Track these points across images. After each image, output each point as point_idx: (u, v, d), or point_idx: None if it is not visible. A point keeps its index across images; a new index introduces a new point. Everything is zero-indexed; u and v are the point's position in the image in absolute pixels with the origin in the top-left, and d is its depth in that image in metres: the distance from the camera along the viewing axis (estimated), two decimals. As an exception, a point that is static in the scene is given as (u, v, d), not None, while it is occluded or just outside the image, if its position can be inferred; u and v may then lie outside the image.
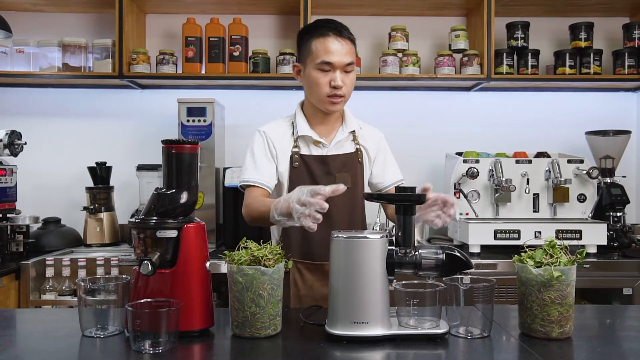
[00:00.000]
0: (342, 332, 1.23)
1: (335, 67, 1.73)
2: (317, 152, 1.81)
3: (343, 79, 1.73)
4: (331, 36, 1.73)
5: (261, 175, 1.77)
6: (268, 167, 1.78)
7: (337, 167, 1.80)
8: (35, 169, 3.09)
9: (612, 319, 1.51)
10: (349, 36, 1.76)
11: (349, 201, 1.78)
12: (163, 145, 1.33)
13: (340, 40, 1.73)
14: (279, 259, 1.26)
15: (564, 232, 2.60)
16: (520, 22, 3.01)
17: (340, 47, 1.72)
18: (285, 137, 1.83)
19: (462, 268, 1.28)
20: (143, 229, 1.28)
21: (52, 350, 1.20)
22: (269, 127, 1.86)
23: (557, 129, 3.21)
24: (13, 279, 2.44)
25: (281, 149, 1.80)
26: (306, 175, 1.79)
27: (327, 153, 1.81)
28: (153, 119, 3.16)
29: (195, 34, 2.93)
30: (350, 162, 1.83)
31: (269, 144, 1.80)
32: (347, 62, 1.73)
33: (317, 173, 1.78)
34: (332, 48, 1.72)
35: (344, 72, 1.74)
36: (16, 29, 2.87)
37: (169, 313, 1.15)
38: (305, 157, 1.80)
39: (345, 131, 1.84)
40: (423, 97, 3.23)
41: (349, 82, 1.76)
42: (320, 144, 1.81)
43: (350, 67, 1.74)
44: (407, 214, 1.30)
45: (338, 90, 1.73)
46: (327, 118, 1.84)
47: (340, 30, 1.75)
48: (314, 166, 1.79)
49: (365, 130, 1.92)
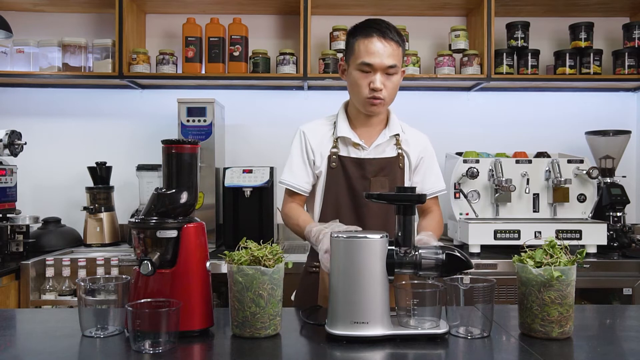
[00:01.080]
0: (342, 332, 1.23)
1: (376, 69, 1.68)
2: (355, 155, 1.78)
3: (383, 82, 1.69)
4: (374, 37, 1.68)
5: (296, 179, 1.80)
6: (303, 169, 1.80)
7: (374, 171, 1.77)
8: (35, 169, 3.09)
9: (612, 319, 1.51)
10: (394, 38, 1.69)
11: (384, 207, 1.73)
12: (163, 145, 1.32)
13: (384, 41, 1.68)
14: (279, 259, 1.26)
15: (564, 232, 2.60)
16: (520, 22, 3.01)
17: (382, 49, 1.67)
18: (326, 137, 1.81)
19: (462, 268, 1.28)
20: (143, 229, 1.28)
21: (52, 350, 1.20)
22: (310, 126, 1.85)
23: (557, 129, 3.21)
24: (13, 279, 2.44)
25: (319, 150, 1.79)
26: (342, 177, 1.77)
27: (366, 156, 1.77)
28: (153, 119, 3.16)
29: (195, 34, 2.94)
30: (389, 166, 1.78)
31: (307, 145, 1.80)
32: (388, 65, 1.68)
33: (353, 176, 1.76)
34: (373, 49, 1.68)
35: (385, 75, 1.69)
36: (16, 29, 2.87)
37: (169, 313, 1.15)
38: (343, 159, 1.77)
39: (387, 135, 1.79)
40: (423, 97, 3.23)
41: (391, 85, 1.71)
42: (359, 146, 1.78)
43: (392, 69, 1.69)
44: (407, 214, 1.30)
45: (377, 92, 1.69)
46: (369, 120, 1.80)
47: (385, 31, 1.69)
48: (351, 169, 1.76)
49: (410, 134, 1.85)
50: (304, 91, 3.13)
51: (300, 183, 1.80)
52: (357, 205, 1.76)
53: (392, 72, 1.70)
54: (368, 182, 1.76)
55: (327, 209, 1.78)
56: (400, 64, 1.72)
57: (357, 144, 1.78)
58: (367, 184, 1.75)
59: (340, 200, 1.77)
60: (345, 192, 1.77)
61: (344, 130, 1.78)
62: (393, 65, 1.68)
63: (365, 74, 1.70)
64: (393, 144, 1.82)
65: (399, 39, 1.71)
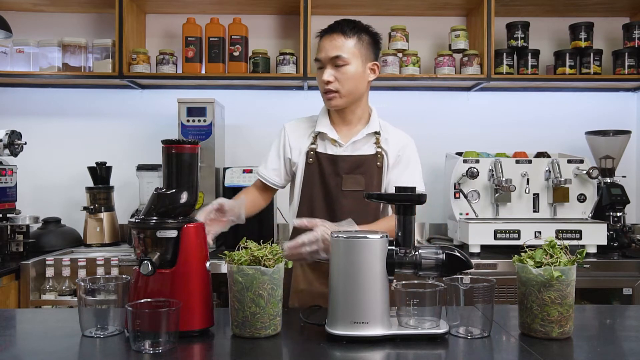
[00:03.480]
0: (342, 332, 1.23)
1: (324, 63, 1.74)
2: (332, 151, 1.80)
3: (334, 74, 1.73)
4: (325, 35, 1.77)
5: (267, 170, 1.88)
6: (276, 163, 1.87)
7: (348, 168, 1.78)
8: (35, 169, 3.09)
9: (612, 319, 1.51)
10: (342, 31, 1.74)
11: (359, 204, 1.75)
12: (163, 145, 1.33)
13: (331, 36, 1.74)
14: (279, 259, 1.26)
15: (564, 232, 2.60)
16: (520, 22, 3.01)
17: (328, 43, 1.74)
18: (306, 133, 1.85)
19: (462, 268, 1.28)
20: (143, 229, 1.28)
21: (52, 350, 1.20)
22: (292, 123, 1.91)
23: (557, 129, 3.21)
24: (13, 279, 2.44)
25: (298, 146, 1.84)
26: (317, 173, 1.79)
27: (341, 153, 1.79)
28: (153, 119, 3.16)
29: (195, 34, 2.93)
30: (365, 164, 1.79)
31: (285, 140, 1.86)
32: (332, 56, 1.72)
33: (327, 172, 1.78)
34: (321, 46, 1.76)
35: (334, 67, 1.73)
36: (16, 29, 2.87)
37: (169, 313, 1.15)
38: (320, 155, 1.80)
39: (364, 132, 1.81)
40: (423, 97, 3.23)
41: (342, 77, 1.73)
42: (336, 142, 1.80)
43: (339, 60, 1.72)
44: (407, 214, 1.30)
45: (328, 85, 1.74)
46: (346, 117, 1.83)
47: (334, 27, 1.76)
48: (325, 165, 1.79)
49: (391, 133, 1.87)
50: (304, 91, 3.13)
51: (270, 175, 1.88)
52: (330, 201, 1.77)
53: (341, 63, 1.73)
54: (340, 179, 1.77)
55: (302, 205, 1.81)
56: (350, 55, 1.73)
57: (334, 140, 1.80)
58: (339, 181, 1.77)
59: (314, 195, 1.79)
60: (319, 188, 1.79)
61: (322, 127, 1.82)
62: (337, 55, 1.72)
63: (320, 70, 1.78)
64: (372, 142, 1.83)
65: (350, 32, 1.74)
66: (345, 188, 1.77)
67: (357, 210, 1.73)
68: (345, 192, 1.76)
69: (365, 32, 1.78)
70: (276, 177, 1.88)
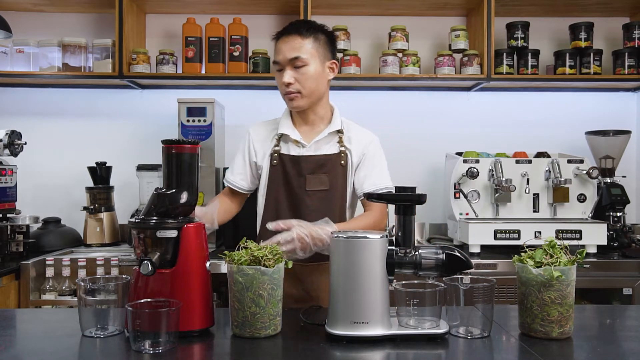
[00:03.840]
0: (342, 332, 1.23)
1: (283, 65, 1.74)
2: (295, 152, 1.81)
3: (294, 76, 1.73)
4: (281, 37, 1.77)
5: (233, 175, 1.89)
6: (242, 168, 1.87)
7: (310, 168, 1.78)
8: (35, 169, 3.09)
9: (612, 319, 1.51)
10: (299, 31, 1.73)
11: (324, 203, 1.76)
12: (163, 145, 1.33)
13: (287, 37, 1.74)
14: (279, 259, 1.26)
15: (564, 232, 2.60)
16: (520, 22, 3.01)
17: (284, 45, 1.74)
18: (270, 136, 1.85)
19: (462, 268, 1.28)
20: (143, 229, 1.28)
21: (52, 350, 1.20)
22: (255, 126, 1.92)
23: (557, 129, 3.21)
24: (13, 279, 2.44)
25: (262, 148, 1.85)
26: (281, 174, 1.80)
27: (304, 153, 1.79)
28: (153, 119, 3.16)
29: (195, 34, 2.94)
30: (329, 163, 1.79)
31: (250, 145, 1.87)
32: (290, 57, 1.72)
33: (290, 173, 1.78)
34: (279, 47, 1.76)
35: (294, 69, 1.73)
36: (16, 29, 2.87)
37: (169, 313, 1.15)
38: (283, 156, 1.80)
39: (326, 132, 1.81)
40: (423, 97, 3.23)
41: (303, 78, 1.73)
42: (298, 143, 1.80)
43: (298, 61, 1.72)
44: (407, 214, 1.30)
45: (289, 87, 1.74)
46: (308, 118, 1.83)
47: (289, 28, 1.75)
48: (288, 166, 1.79)
49: (354, 132, 1.85)
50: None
51: (236, 180, 1.88)
52: (295, 202, 1.78)
53: (300, 64, 1.72)
54: (304, 179, 1.77)
55: (268, 206, 1.81)
56: (309, 55, 1.73)
57: (297, 141, 1.80)
58: (302, 181, 1.77)
59: (279, 197, 1.80)
60: (283, 189, 1.80)
61: (284, 128, 1.82)
62: (295, 57, 1.72)
63: (278, 72, 1.77)
64: (335, 141, 1.82)
65: (306, 32, 1.74)
66: (309, 188, 1.77)
67: (322, 210, 1.73)
68: (310, 192, 1.76)
69: (321, 32, 1.78)
70: (243, 181, 1.87)
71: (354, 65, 2.93)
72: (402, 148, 3.18)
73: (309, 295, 1.79)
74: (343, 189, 1.80)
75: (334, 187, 1.78)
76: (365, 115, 3.19)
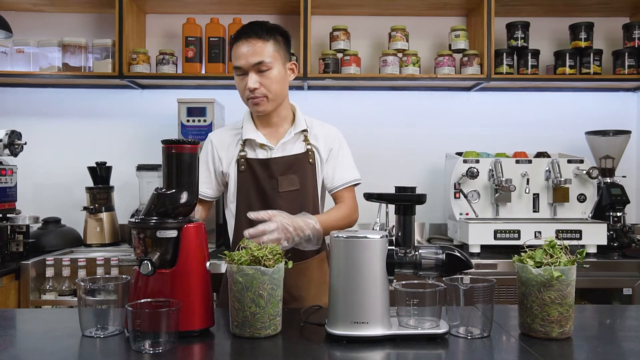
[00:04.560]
0: (342, 332, 1.23)
1: (246, 70, 1.71)
2: (262, 155, 1.79)
3: (258, 80, 1.70)
4: (240, 40, 1.72)
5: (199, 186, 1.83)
6: (206, 176, 1.83)
7: (281, 169, 1.77)
8: (35, 169, 3.09)
9: (612, 319, 1.51)
10: (259, 35, 1.70)
11: (296, 203, 1.75)
12: (163, 145, 1.32)
13: (247, 41, 1.70)
14: (279, 259, 1.26)
15: (564, 232, 2.60)
16: (520, 22, 3.01)
17: (246, 49, 1.70)
18: (233, 142, 1.83)
19: (462, 268, 1.28)
20: (143, 229, 1.28)
21: (52, 350, 1.20)
22: (216, 133, 1.89)
23: (557, 129, 3.21)
24: (13, 279, 2.44)
25: (227, 155, 1.82)
26: (251, 179, 1.78)
27: (272, 155, 1.79)
28: (153, 119, 3.16)
29: (195, 34, 2.94)
30: (297, 163, 1.79)
31: (213, 152, 1.83)
32: (254, 62, 1.69)
33: (261, 176, 1.77)
34: (238, 52, 1.71)
35: (258, 73, 1.70)
36: (16, 29, 2.87)
37: (169, 313, 1.15)
38: (251, 161, 1.79)
39: (292, 132, 1.81)
40: (423, 97, 3.23)
41: (268, 82, 1.71)
42: (265, 146, 1.79)
43: (262, 66, 1.69)
44: (407, 214, 1.30)
45: (253, 92, 1.71)
46: (271, 120, 1.82)
47: (248, 31, 1.71)
48: (258, 170, 1.78)
49: (318, 129, 1.85)
50: (304, 91, 3.12)
51: (201, 188, 1.76)
52: (268, 204, 1.76)
53: (264, 69, 1.70)
54: (276, 181, 1.77)
55: (240, 212, 1.79)
56: (272, 59, 1.71)
57: (263, 144, 1.79)
58: (274, 183, 1.77)
59: (251, 201, 1.78)
60: (255, 193, 1.78)
61: (248, 133, 1.80)
62: (260, 61, 1.69)
63: (240, 77, 1.74)
64: (301, 141, 1.82)
65: (266, 35, 1.71)
66: (281, 190, 1.76)
67: (296, 210, 1.71)
68: (282, 194, 1.76)
69: (279, 33, 1.76)
70: (208, 189, 1.84)
71: (354, 65, 2.93)
72: (402, 148, 3.19)
73: (292, 296, 1.78)
74: (314, 186, 1.81)
75: (304, 186, 1.78)
76: (365, 115, 3.21)
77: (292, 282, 1.78)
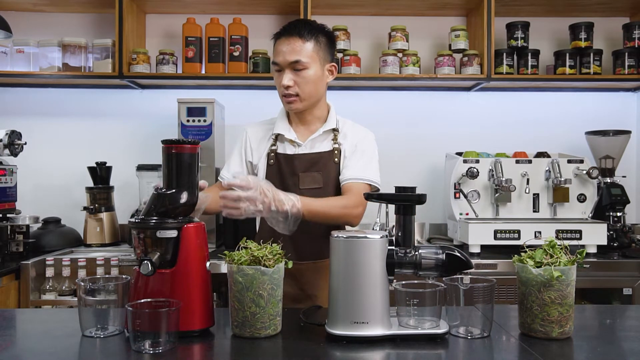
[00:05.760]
0: (342, 332, 1.23)
1: (282, 67, 1.73)
2: (290, 151, 1.81)
3: (293, 79, 1.72)
4: (281, 37, 1.75)
5: (229, 173, 1.87)
6: (238, 165, 1.86)
7: (303, 166, 1.78)
8: (35, 169, 3.09)
9: (612, 319, 1.51)
10: (300, 34, 1.72)
11: None
12: (163, 145, 1.32)
13: (288, 39, 1.72)
14: (279, 259, 1.27)
15: (564, 232, 2.60)
16: (520, 22, 3.01)
17: (285, 47, 1.72)
18: (267, 136, 1.86)
19: (462, 268, 1.28)
20: (143, 229, 1.28)
21: (52, 350, 1.20)
22: (253, 126, 1.92)
23: (557, 129, 3.21)
24: (13, 279, 2.44)
25: (258, 148, 1.85)
26: (277, 173, 1.80)
27: (299, 152, 1.80)
28: (153, 119, 3.16)
29: (195, 34, 2.94)
30: (322, 161, 1.79)
31: (246, 143, 1.87)
32: (291, 61, 1.71)
33: (285, 172, 1.79)
34: (278, 49, 1.74)
35: (293, 72, 1.72)
36: (16, 29, 2.87)
37: (169, 313, 1.15)
38: (279, 156, 1.81)
39: (321, 130, 1.82)
40: (423, 97, 3.23)
41: (302, 81, 1.72)
42: (294, 142, 1.81)
43: (299, 65, 1.71)
44: (407, 214, 1.30)
45: (287, 89, 1.73)
46: (304, 118, 1.83)
47: (290, 29, 1.73)
48: (283, 165, 1.80)
49: (348, 129, 1.85)
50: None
51: (229, 175, 1.85)
52: None
53: (300, 68, 1.71)
54: (297, 178, 1.77)
55: None
56: (309, 59, 1.72)
57: (292, 140, 1.81)
58: (296, 180, 1.77)
59: None
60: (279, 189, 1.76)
61: (280, 128, 1.82)
62: (296, 60, 1.71)
63: (278, 73, 1.76)
64: (330, 139, 1.82)
65: (308, 35, 1.72)
66: (302, 187, 1.77)
67: None
68: (303, 190, 1.75)
69: (322, 34, 1.77)
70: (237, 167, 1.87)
71: (354, 65, 2.93)
72: (402, 148, 3.19)
73: (305, 294, 1.79)
74: (335, 185, 1.80)
75: (327, 184, 1.78)
76: (365, 115, 3.19)
77: (308, 279, 1.78)
